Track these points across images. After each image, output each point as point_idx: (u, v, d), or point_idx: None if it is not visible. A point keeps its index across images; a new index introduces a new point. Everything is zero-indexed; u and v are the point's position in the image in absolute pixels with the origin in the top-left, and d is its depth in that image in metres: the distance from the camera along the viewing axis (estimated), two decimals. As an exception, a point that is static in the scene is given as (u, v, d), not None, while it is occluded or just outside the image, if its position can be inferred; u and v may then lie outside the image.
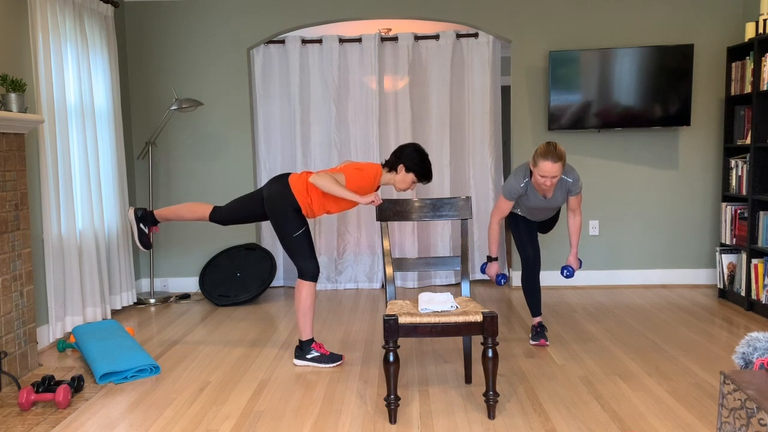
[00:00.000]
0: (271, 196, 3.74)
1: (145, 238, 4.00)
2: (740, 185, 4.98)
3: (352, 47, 5.81)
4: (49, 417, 3.11)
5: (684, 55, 5.27)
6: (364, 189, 3.71)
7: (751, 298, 4.76)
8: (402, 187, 3.76)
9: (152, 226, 4.02)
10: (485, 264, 4.12)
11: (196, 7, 5.65)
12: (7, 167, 3.59)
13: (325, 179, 3.58)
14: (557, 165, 3.63)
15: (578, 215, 4.01)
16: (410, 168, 3.70)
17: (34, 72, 4.19)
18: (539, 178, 3.71)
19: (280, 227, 3.73)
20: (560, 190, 3.88)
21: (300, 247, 3.72)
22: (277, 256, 5.90)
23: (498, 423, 2.94)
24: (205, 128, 5.75)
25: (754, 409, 1.70)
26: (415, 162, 3.70)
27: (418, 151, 3.71)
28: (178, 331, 4.59)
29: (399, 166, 3.72)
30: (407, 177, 3.72)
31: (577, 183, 3.86)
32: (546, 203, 3.92)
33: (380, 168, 3.76)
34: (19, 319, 3.67)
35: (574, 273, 4.02)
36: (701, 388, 3.29)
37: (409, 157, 3.70)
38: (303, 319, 3.77)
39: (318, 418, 3.06)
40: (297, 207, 3.72)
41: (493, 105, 5.81)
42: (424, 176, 3.73)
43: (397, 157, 3.73)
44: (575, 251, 4.06)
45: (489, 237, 4.04)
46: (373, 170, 3.72)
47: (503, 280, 4.03)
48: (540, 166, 3.66)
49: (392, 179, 3.76)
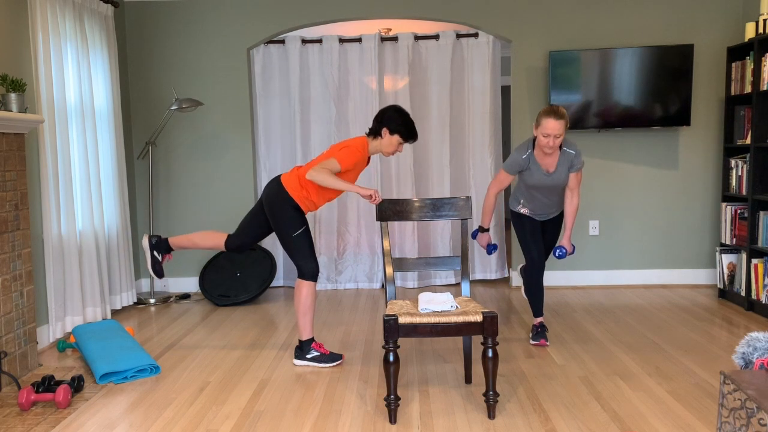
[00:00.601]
0: (268, 199, 3.73)
1: (159, 266, 3.98)
2: (740, 185, 4.98)
3: (352, 47, 5.81)
4: (49, 417, 3.11)
5: (684, 55, 5.27)
6: (358, 164, 3.68)
7: (751, 298, 4.76)
8: (390, 151, 3.73)
9: (166, 253, 4.00)
10: (476, 231, 4.13)
11: (196, 7, 5.65)
12: (7, 167, 3.59)
13: (322, 174, 3.54)
14: (560, 122, 3.67)
15: (576, 197, 4.00)
16: (394, 130, 3.67)
17: (34, 72, 4.19)
18: (542, 138, 3.72)
19: (280, 227, 3.73)
20: (563, 164, 3.88)
21: (300, 246, 3.72)
22: (277, 256, 5.90)
23: (498, 423, 2.94)
24: (205, 128, 5.75)
25: (754, 409, 1.70)
26: (398, 123, 3.67)
27: (399, 112, 3.68)
28: (178, 331, 4.59)
29: (383, 130, 3.69)
30: (393, 139, 3.69)
31: (579, 157, 3.88)
32: (549, 180, 3.90)
33: (365, 138, 3.73)
34: (19, 319, 3.67)
35: (567, 254, 4.02)
36: (701, 388, 3.29)
37: (392, 119, 3.67)
38: (303, 318, 3.77)
39: (318, 418, 3.06)
40: (295, 205, 3.71)
41: (493, 105, 5.82)
42: (409, 135, 3.70)
43: (379, 122, 3.70)
44: (569, 234, 4.04)
45: (483, 208, 4.05)
46: (359, 142, 3.68)
47: (493, 250, 4.08)
48: (543, 124, 3.69)
49: (379, 145, 3.73)
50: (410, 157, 5.81)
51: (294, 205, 3.71)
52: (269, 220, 3.76)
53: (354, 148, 3.65)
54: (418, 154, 5.88)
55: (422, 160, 5.89)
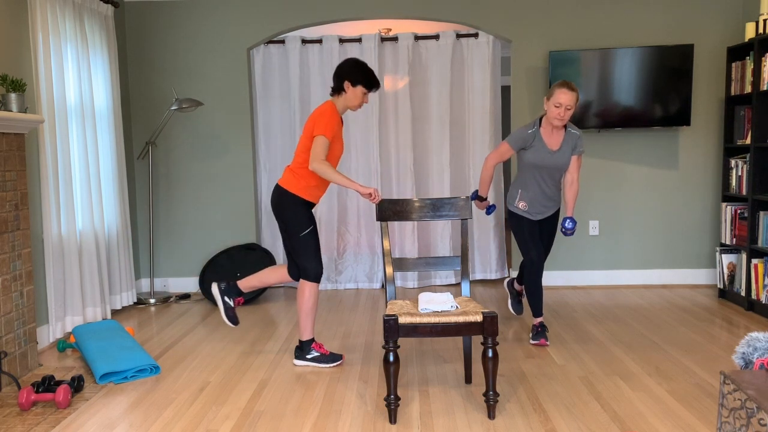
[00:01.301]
0: (275, 206, 3.72)
1: (231, 312, 3.92)
2: (740, 185, 4.98)
3: (352, 47, 5.81)
4: (49, 417, 3.11)
5: (684, 55, 5.27)
6: (338, 127, 3.64)
7: (751, 298, 4.76)
8: (356, 103, 3.70)
9: (237, 297, 3.95)
10: (475, 192, 4.18)
11: (196, 8, 5.65)
12: (7, 167, 3.59)
13: (323, 166, 3.52)
14: (572, 94, 3.78)
15: (576, 184, 4.05)
16: (356, 81, 3.65)
17: (34, 72, 4.19)
18: (554, 109, 3.81)
19: (288, 227, 3.70)
20: (567, 144, 3.94)
21: (306, 247, 3.70)
22: (277, 256, 5.90)
23: (498, 423, 2.94)
24: (205, 128, 5.75)
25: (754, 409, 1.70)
26: (357, 74, 3.65)
27: (356, 64, 3.67)
28: (178, 331, 4.59)
29: (344, 83, 3.67)
30: (357, 91, 3.67)
31: (581, 139, 3.99)
32: (552, 159, 3.92)
33: (330, 102, 3.70)
34: (19, 319, 3.67)
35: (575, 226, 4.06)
36: (701, 388, 3.29)
37: (350, 72, 3.65)
38: (305, 319, 3.77)
39: (318, 418, 3.06)
40: (301, 201, 3.68)
41: (493, 105, 5.82)
42: (371, 84, 3.68)
43: (338, 77, 3.68)
44: (572, 209, 4.09)
45: (481, 178, 4.10)
46: (328, 107, 3.64)
47: (492, 210, 4.19)
48: (556, 93, 3.79)
49: (345, 102, 3.70)
50: (410, 157, 5.81)
51: (300, 202, 3.69)
52: (278, 222, 3.75)
53: (327, 113, 3.61)
54: (418, 154, 5.88)
55: (422, 160, 5.89)
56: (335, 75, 3.70)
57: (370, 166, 5.83)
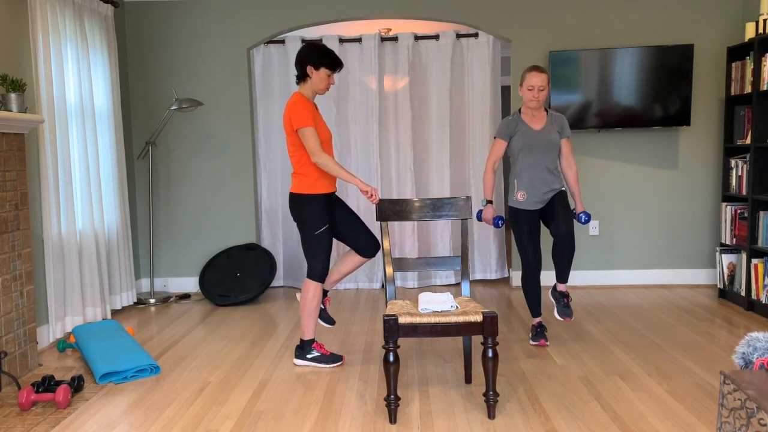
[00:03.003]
0: (292, 211, 3.70)
1: (325, 314, 3.93)
2: (740, 185, 4.98)
3: (352, 47, 5.81)
4: (49, 417, 3.11)
5: (684, 55, 5.27)
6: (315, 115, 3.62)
7: (751, 298, 4.76)
8: (323, 86, 3.68)
9: (324, 298, 3.93)
10: (480, 211, 4.15)
11: (196, 7, 5.65)
12: (7, 167, 3.59)
13: (326, 159, 3.53)
14: (543, 75, 3.90)
15: (573, 165, 4.12)
16: (318, 63, 3.63)
17: (34, 72, 4.19)
18: (527, 93, 3.93)
19: (304, 224, 3.67)
20: (551, 124, 4.00)
21: (318, 245, 3.67)
22: (277, 256, 5.91)
23: (498, 423, 2.94)
24: (205, 128, 5.75)
25: (754, 409, 1.70)
26: (318, 56, 3.63)
27: (314, 47, 3.65)
28: (178, 331, 4.59)
29: (307, 68, 3.64)
30: (321, 74, 3.65)
31: (566, 121, 4.08)
32: (540, 138, 3.96)
33: (298, 92, 3.68)
34: (19, 319, 3.67)
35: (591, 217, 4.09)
36: (701, 388, 3.29)
37: (310, 56, 3.63)
38: (307, 319, 3.77)
39: (318, 418, 3.06)
40: (314, 198, 3.64)
41: (493, 105, 5.82)
42: (333, 64, 3.66)
43: (300, 64, 3.66)
44: (580, 199, 4.14)
45: (484, 182, 4.13)
46: (297, 98, 3.62)
47: (501, 222, 4.12)
48: (527, 78, 3.93)
49: (311, 86, 3.68)
50: (410, 157, 5.81)
51: (316, 199, 3.64)
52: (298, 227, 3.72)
53: (298, 104, 3.59)
54: (418, 154, 5.88)
55: (422, 160, 5.89)
56: (296, 62, 3.67)
57: (370, 165, 5.83)
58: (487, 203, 4.13)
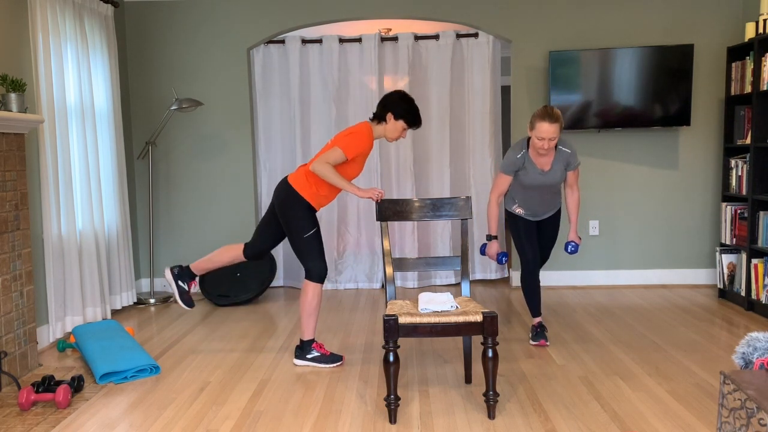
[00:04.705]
0: (279, 201, 3.72)
1: (187, 295, 3.95)
2: (740, 185, 4.98)
3: (352, 47, 5.81)
4: (49, 417, 3.11)
5: (684, 55, 5.27)
6: (365, 151, 3.66)
7: (751, 298, 4.76)
8: (393, 136, 3.71)
9: (190, 281, 3.97)
10: (484, 245, 4.12)
11: (196, 7, 5.65)
12: (7, 167, 3.59)
13: (324, 168, 3.54)
14: (554, 126, 3.67)
15: (576, 191, 4.05)
16: (399, 115, 3.66)
17: (34, 72, 4.19)
18: (537, 141, 3.73)
19: (291, 228, 3.70)
20: (558, 162, 3.89)
21: (310, 248, 3.70)
22: (278, 256, 5.90)
23: (498, 423, 2.94)
24: (205, 128, 5.75)
25: (754, 409, 1.70)
26: (402, 108, 3.66)
27: (403, 98, 3.68)
28: (178, 331, 4.59)
29: (387, 115, 3.67)
30: (397, 125, 3.68)
31: (575, 155, 3.92)
32: (544, 179, 3.91)
33: (368, 124, 3.71)
34: (19, 319, 3.67)
35: (578, 248, 4.07)
36: (701, 388, 3.29)
37: (396, 104, 3.66)
38: (307, 319, 3.77)
39: (318, 418, 3.06)
40: (306, 204, 3.68)
41: (493, 105, 5.82)
42: (414, 122, 3.70)
43: (383, 107, 3.68)
44: (575, 227, 4.10)
45: (488, 216, 4.05)
46: (364, 128, 3.66)
47: (504, 259, 4.03)
48: (537, 127, 3.70)
49: (383, 130, 3.71)
50: (410, 157, 5.81)
51: (305, 205, 3.69)
52: (281, 221, 3.75)
53: (359, 135, 3.63)
54: (418, 154, 5.88)
55: (422, 160, 5.89)
56: (380, 103, 3.71)
57: (370, 166, 5.83)
58: (491, 239, 4.06)
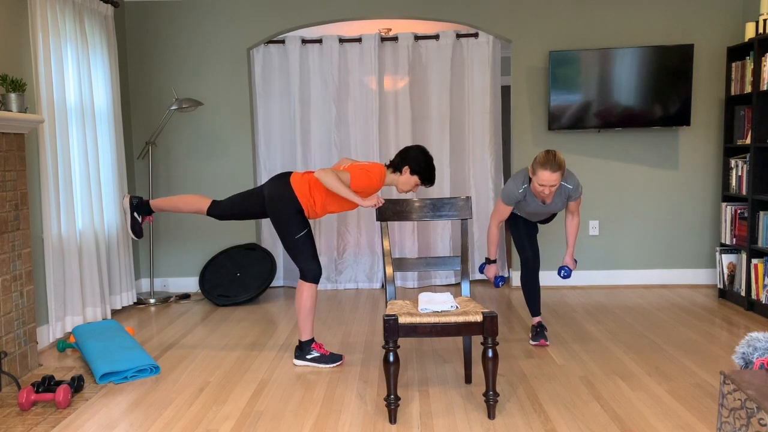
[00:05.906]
0: (272, 196, 3.72)
1: (138, 226, 3.93)
2: (740, 185, 4.98)
3: (352, 47, 5.81)
4: (49, 417, 3.11)
5: (684, 55, 5.27)
6: (368, 190, 3.68)
7: (751, 298, 4.76)
8: (405, 189, 3.75)
9: (147, 215, 3.96)
10: (483, 265, 4.12)
11: (196, 7, 5.65)
12: (7, 167, 3.59)
13: (330, 176, 3.55)
14: (556, 174, 3.64)
15: (576, 217, 4.04)
16: (415, 170, 3.69)
17: (34, 72, 4.19)
18: (538, 186, 3.72)
19: (282, 228, 3.71)
20: (559, 196, 3.88)
21: (302, 248, 3.71)
22: (277, 256, 5.90)
23: (498, 423, 2.94)
24: (205, 128, 5.75)
25: (754, 409, 1.70)
26: (420, 164, 3.68)
27: (423, 154, 3.70)
28: (178, 331, 4.59)
29: (404, 167, 3.70)
30: (411, 179, 3.71)
31: (576, 189, 3.87)
32: (545, 208, 3.93)
33: (384, 168, 3.74)
34: (19, 319, 3.67)
35: (571, 273, 4.06)
36: (701, 388, 3.29)
37: (416, 159, 3.68)
38: (304, 320, 3.77)
39: (318, 418, 3.06)
40: (299, 208, 3.70)
41: (493, 105, 5.81)
42: (428, 180, 3.73)
43: (402, 158, 3.71)
44: (571, 251, 4.07)
45: (488, 239, 4.06)
46: (378, 170, 3.69)
47: (501, 282, 4.08)
48: (539, 175, 3.67)
49: (396, 180, 3.74)
50: (410, 157, 5.81)
51: (298, 208, 3.70)
52: (269, 216, 3.75)
53: (371, 175, 3.65)
54: (418, 154, 5.87)
55: (422, 160, 5.89)
56: (400, 153, 3.73)
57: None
58: (490, 263, 4.08)
